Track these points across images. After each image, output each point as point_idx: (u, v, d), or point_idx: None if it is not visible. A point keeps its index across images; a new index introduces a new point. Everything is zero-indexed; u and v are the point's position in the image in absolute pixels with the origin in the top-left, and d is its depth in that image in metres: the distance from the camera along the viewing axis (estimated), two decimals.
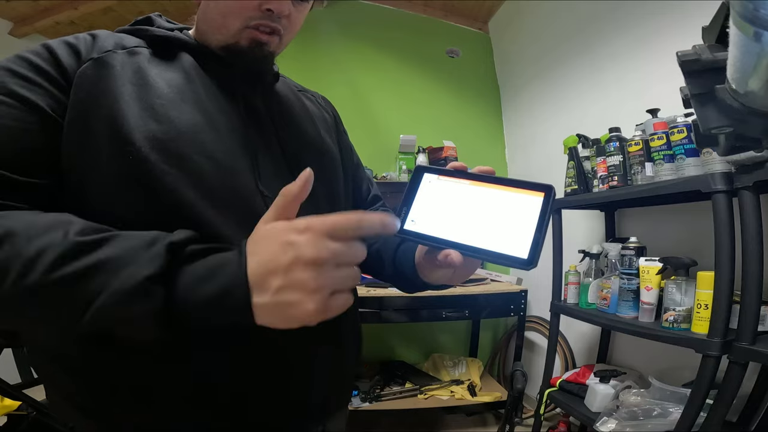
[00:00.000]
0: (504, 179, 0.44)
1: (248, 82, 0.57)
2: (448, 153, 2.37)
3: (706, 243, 1.17)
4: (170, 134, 0.46)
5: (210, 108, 0.51)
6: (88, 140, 0.45)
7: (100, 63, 0.48)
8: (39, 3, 2.25)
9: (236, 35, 0.53)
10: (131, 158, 0.44)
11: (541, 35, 2.37)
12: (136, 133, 0.45)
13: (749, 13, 0.27)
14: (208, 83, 0.54)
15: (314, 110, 0.69)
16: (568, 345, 2.08)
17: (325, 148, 0.65)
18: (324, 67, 2.59)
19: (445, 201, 0.46)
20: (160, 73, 0.51)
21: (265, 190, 0.51)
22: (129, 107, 0.46)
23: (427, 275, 0.54)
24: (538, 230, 0.40)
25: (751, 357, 0.99)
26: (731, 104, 0.41)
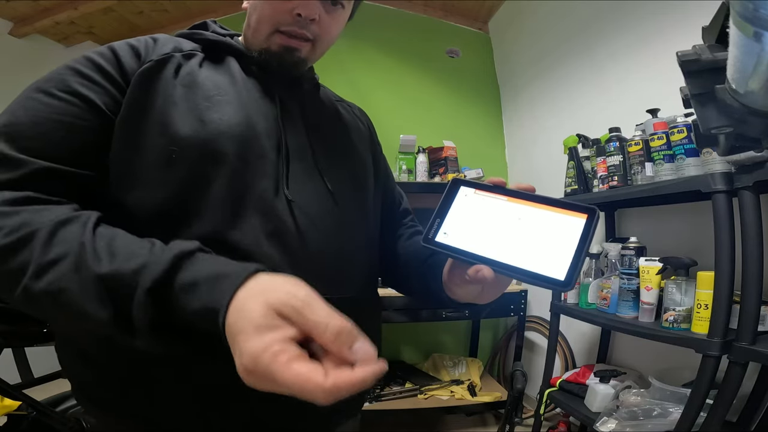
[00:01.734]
0: (545, 198, 0.43)
1: (286, 87, 0.59)
2: (448, 153, 2.37)
3: (706, 243, 1.17)
4: (212, 134, 0.49)
5: (250, 109, 0.53)
6: (138, 137, 0.48)
7: (158, 65, 0.51)
8: (39, 3, 2.25)
9: (267, 40, 0.56)
10: (174, 157, 0.47)
11: (542, 35, 2.37)
12: (181, 132, 0.48)
13: (749, 13, 0.27)
14: (250, 86, 0.56)
15: (349, 120, 0.70)
16: (568, 345, 2.08)
17: (357, 157, 0.66)
18: (324, 67, 2.58)
19: (481, 216, 0.45)
20: (209, 76, 0.54)
21: (290, 194, 0.52)
22: (177, 108, 0.49)
23: (454, 291, 0.53)
24: (578, 252, 0.39)
25: (751, 357, 0.99)
26: (731, 104, 0.41)
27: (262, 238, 0.49)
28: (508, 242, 0.42)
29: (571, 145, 1.70)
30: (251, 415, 0.48)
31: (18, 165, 0.42)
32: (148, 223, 0.47)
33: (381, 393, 1.99)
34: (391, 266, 0.68)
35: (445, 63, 2.81)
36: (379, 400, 1.95)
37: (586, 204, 0.41)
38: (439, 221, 0.47)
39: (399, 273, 0.66)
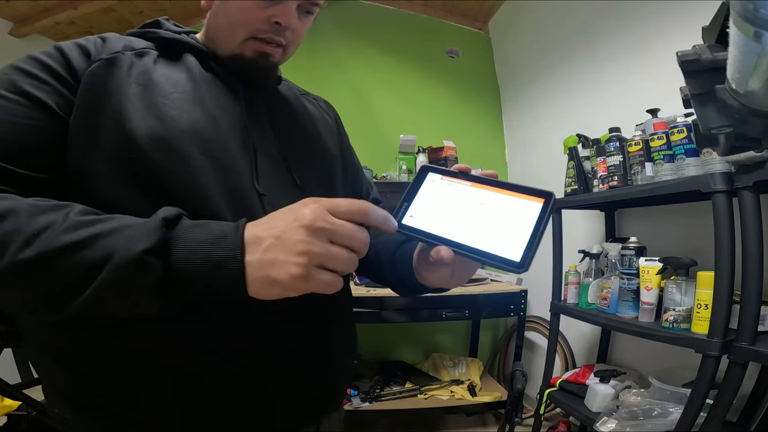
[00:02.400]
0: (506, 183, 0.44)
1: (249, 83, 0.58)
2: (448, 153, 2.37)
3: (706, 243, 1.17)
4: (172, 132, 0.47)
5: (212, 107, 0.52)
6: (94, 138, 0.46)
7: (109, 63, 0.49)
8: (39, 3, 2.25)
9: (242, 45, 0.55)
10: (134, 156, 0.45)
11: (542, 35, 2.37)
12: (138, 131, 0.46)
13: (749, 13, 0.27)
14: (211, 83, 0.55)
15: (315, 113, 0.70)
16: (568, 345, 2.08)
17: (325, 150, 0.65)
18: (324, 67, 2.59)
19: (446, 200, 0.46)
20: (165, 74, 0.52)
21: (262, 189, 0.52)
22: (133, 106, 0.47)
23: (424, 277, 0.54)
24: (533, 235, 0.40)
25: (751, 357, 0.99)
26: (731, 104, 0.41)
27: None
28: (469, 225, 0.43)
29: (571, 145, 1.70)
30: (233, 413, 0.48)
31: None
32: None
33: (381, 393, 1.99)
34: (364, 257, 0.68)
35: (445, 63, 2.81)
36: (379, 400, 1.94)
37: (544, 189, 0.42)
38: (406, 205, 0.48)
39: (371, 263, 0.65)
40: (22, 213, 0.37)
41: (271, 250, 0.37)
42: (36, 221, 0.37)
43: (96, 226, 0.38)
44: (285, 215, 0.39)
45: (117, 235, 0.37)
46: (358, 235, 0.38)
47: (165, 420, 0.47)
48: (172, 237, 0.38)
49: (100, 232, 0.37)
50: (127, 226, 0.38)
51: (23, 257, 0.35)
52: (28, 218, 0.37)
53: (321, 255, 0.37)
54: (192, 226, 0.40)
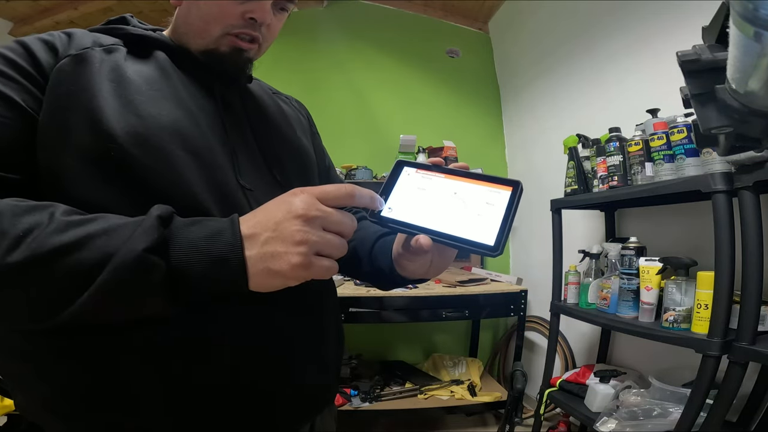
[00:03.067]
0: (477, 174, 0.48)
1: (223, 81, 0.58)
2: (448, 153, 2.37)
3: (706, 243, 1.17)
4: (152, 129, 0.46)
5: (189, 104, 0.51)
6: (66, 136, 0.44)
7: (78, 60, 0.48)
8: (39, 3, 2.25)
9: (216, 41, 0.54)
10: (113, 154, 0.44)
11: (542, 35, 2.37)
12: (117, 128, 0.44)
13: (749, 13, 0.27)
14: (185, 80, 0.54)
15: (289, 111, 0.70)
16: (568, 345, 2.08)
17: (302, 148, 0.66)
18: (324, 68, 2.59)
19: (422, 192, 0.49)
20: (137, 70, 0.50)
21: (243, 182, 0.52)
22: (108, 103, 0.45)
23: (404, 268, 0.55)
24: (504, 221, 0.43)
25: (751, 357, 0.99)
26: (731, 104, 0.41)
27: None
28: (445, 214, 0.46)
29: (571, 145, 1.70)
30: (229, 414, 0.47)
31: None
32: None
33: (381, 393, 1.99)
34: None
35: (445, 63, 2.81)
36: (379, 400, 1.94)
37: (511, 178, 0.46)
38: (384, 198, 0.50)
39: (348, 258, 0.65)
40: (4, 214, 0.35)
41: (270, 243, 0.38)
42: (20, 222, 0.35)
43: (86, 226, 0.37)
44: (277, 207, 0.40)
45: (111, 234, 0.36)
46: (346, 220, 0.41)
47: (160, 423, 0.45)
48: (169, 235, 0.38)
49: (93, 232, 0.36)
50: (120, 225, 0.37)
51: (11, 261, 0.34)
52: (11, 219, 0.35)
53: (318, 243, 0.38)
54: (187, 224, 0.39)
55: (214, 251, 0.38)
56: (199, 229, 0.39)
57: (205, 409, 0.46)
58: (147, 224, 0.37)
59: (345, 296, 1.83)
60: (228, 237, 0.38)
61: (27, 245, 0.34)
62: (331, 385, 0.61)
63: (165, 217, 0.38)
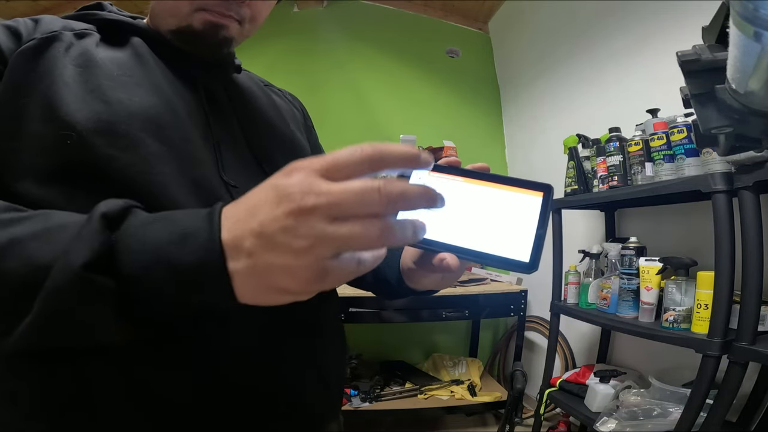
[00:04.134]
0: (500, 177, 0.41)
1: (207, 71, 0.53)
2: (448, 153, 2.37)
3: (706, 243, 1.17)
4: (119, 116, 0.41)
5: (167, 91, 0.47)
6: (17, 125, 0.40)
7: (44, 43, 0.44)
8: (39, 3, 2.25)
9: (188, 17, 0.48)
10: (69, 143, 0.39)
11: (542, 35, 2.37)
12: (77, 115, 0.40)
13: (749, 13, 0.27)
14: (164, 68, 0.49)
15: (282, 105, 0.65)
16: (568, 345, 2.08)
17: (296, 143, 0.60)
18: (324, 68, 2.59)
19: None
20: (109, 56, 0.46)
21: (227, 178, 0.46)
22: (69, 89, 0.41)
23: (415, 281, 0.51)
24: (538, 232, 0.37)
25: (751, 357, 0.99)
26: (731, 104, 0.41)
27: None
28: (468, 226, 0.40)
29: (571, 145, 1.70)
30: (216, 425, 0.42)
31: None
32: None
33: (381, 393, 1.99)
34: None
35: (445, 63, 2.80)
36: (379, 400, 1.94)
37: (540, 182, 0.39)
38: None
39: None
40: None
41: (258, 253, 0.26)
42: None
43: (15, 226, 0.29)
44: (264, 195, 0.27)
45: (44, 239, 0.28)
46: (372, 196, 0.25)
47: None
48: (118, 239, 0.28)
49: (21, 235, 0.28)
50: (59, 226, 0.29)
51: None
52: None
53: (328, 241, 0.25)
54: (147, 221, 0.29)
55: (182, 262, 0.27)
56: (162, 228, 0.28)
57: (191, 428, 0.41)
58: (89, 229, 0.28)
59: (345, 296, 1.83)
60: (202, 241, 0.27)
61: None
62: (333, 401, 0.56)
63: (113, 216, 0.29)
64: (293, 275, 0.26)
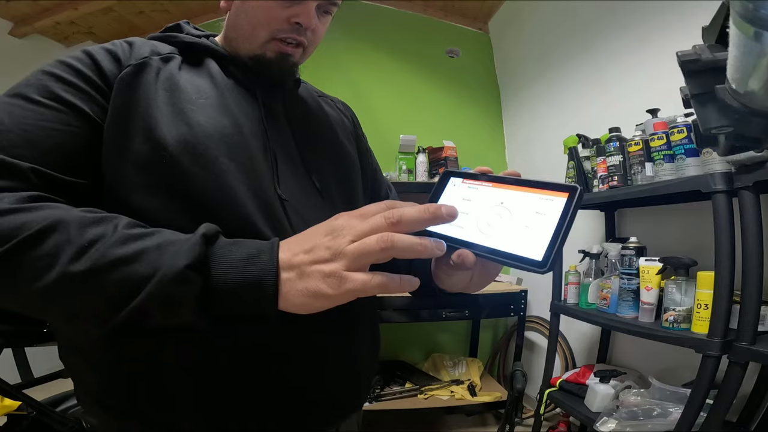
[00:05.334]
0: (529, 181, 0.43)
1: (268, 87, 0.59)
2: (448, 153, 2.37)
3: (706, 243, 1.17)
4: (199, 137, 0.48)
5: (234, 111, 0.53)
6: (125, 145, 0.47)
7: (138, 69, 0.50)
8: (39, 3, 2.25)
9: (263, 46, 0.56)
10: (164, 162, 0.47)
11: (542, 35, 2.37)
12: (168, 137, 0.47)
13: (749, 13, 0.27)
14: (231, 87, 0.56)
15: (333, 115, 0.70)
16: (568, 345, 2.08)
17: (344, 153, 0.66)
18: (324, 68, 2.59)
19: (467, 203, 0.46)
20: (189, 79, 0.53)
21: (283, 194, 0.53)
22: (161, 112, 0.48)
23: (443, 281, 0.53)
24: (556, 232, 0.38)
25: (751, 357, 0.99)
26: (731, 104, 0.41)
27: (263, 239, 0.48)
28: (490, 227, 0.42)
29: (571, 145, 1.70)
30: (255, 413, 0.49)
31: (16, 173, 0.41)
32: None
33: (381, 393, 1.99)
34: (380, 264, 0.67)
35: (445, 63, 2.80)
36: (379, 400, 1.94)
37: (568, 183, 0.40)
38: None
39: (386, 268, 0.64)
40: (72, 224, 0.38)
41: (304, 265, 0.38)
42: (87, 233, 0.38)
43: (143, 240, 0.39)
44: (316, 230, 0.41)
45: (163, 250, 0.38)
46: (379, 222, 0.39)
47: (196, 422, 0.47)
48: (210, 253, 0.39)
49: (147, 247, 0.38)
50: (171, 242, 0.39)
51: (75, 269, 0.36)
52: (78, 230, 0.38)
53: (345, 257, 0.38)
54: (230, 244, 0.40)
55: (250, 272, 0.38)
56: (239, 250, 0.40)
57: (234, 409, 0.48)
58: (191, 242, 0.38)
59: None
60: (265, 260, 0.39)
61: (89, 256, 0.37)
62: (361, 389, 0.61)
63: (210, 236, 0.40)
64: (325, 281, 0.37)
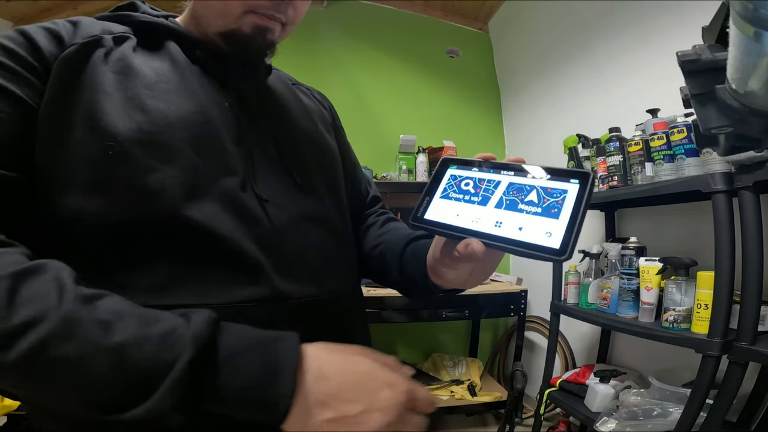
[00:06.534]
0: (535, 168, 0.42)
1: (239, 72, 0.53)
2: (448, 153, 2.37)
3: (706, 243, 1.17)
4: (159, 126, 0.42)
5: (202, 98, 0.47)
6: (64, 134, 0.41)
7: (85, 48, 0.44)
8: (39, 3, 2.25)
9: (238, 20, 0.48)
10: (111, 153, 0.40)
11: (542, 35, 2.37)
12: (118, 125, 0.41)
13: (749, 13, 0.27)
14: (198, 73, 0.49)
15: (311, 105, 0.65)
16: (568, 345, 2.07)
17: (325, 144, 0.61)
18: (324, 68, 2.59)
19: (471, 191, 0.44)
20: (146, 61, 0.46)
21: (263, 193, 0.48)
22: (111, 98, 0.42)
23: (441, 276, 0.50)
24: (572, 219, 0.36)
25: (751, 357, 0.99)
26: (731, 104, 0.41)
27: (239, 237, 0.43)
28: (499, 215, 0.40)
29: (571, 145, 1.70)
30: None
31: None
32: (90, 239, 0.40)
33: None
34: (366, 257, 0.64)
35: (445, 63, 2.80)
36: None
37: (578, 170, 0.39)
38: (428, 199, 0.45)
39: (375, 263, 0.61)
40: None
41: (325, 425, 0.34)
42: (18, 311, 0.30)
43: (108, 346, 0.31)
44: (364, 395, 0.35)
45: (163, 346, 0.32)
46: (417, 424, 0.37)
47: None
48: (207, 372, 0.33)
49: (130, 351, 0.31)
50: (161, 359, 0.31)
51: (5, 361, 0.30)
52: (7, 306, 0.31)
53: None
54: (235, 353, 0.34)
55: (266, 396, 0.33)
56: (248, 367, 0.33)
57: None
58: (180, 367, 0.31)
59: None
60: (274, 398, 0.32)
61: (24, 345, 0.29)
62: None
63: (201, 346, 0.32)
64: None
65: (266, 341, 0.35)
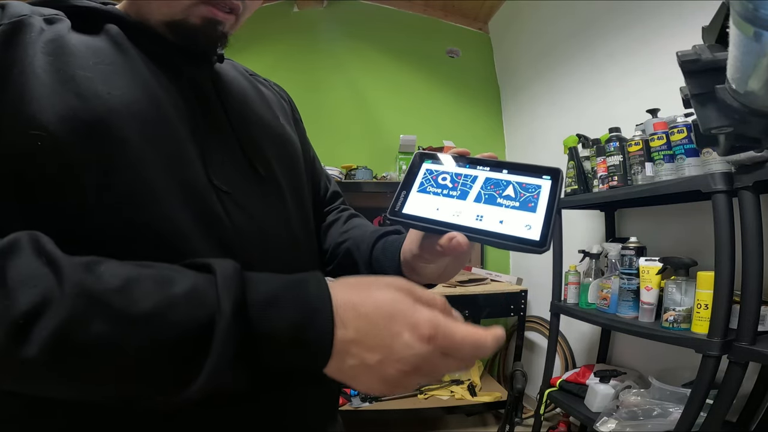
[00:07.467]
0: (507, 163, 0.44)
1: (190, 60, 0.48)
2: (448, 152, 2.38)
3: (706, 243, 1.17)
4: (97, 112, 0.37)
5: (150, 82, 0.42)
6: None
7: (12, 30, 0.38)
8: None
9: (186, 10, 0.44)
10: (40, 144, 0.34)
11: (541, 35, 2.37)
12: (48, 112, 0.35)
13: (749, 13, 0.27)
14: (144, 57, 0.44)
15: (270, 96, 0.62)
16: (568, 345, 2.08)
17: (286, 136, 0.57)
18: (324, 68, 2.59)
19: (448, 186, 0.45)
20: (84, 41, 0.40)
21: (223, 185, 0.44)
22: (39, 80, 0.36)
23: (417, 272, 0.49)
24: (548, 213, 0.40)
25: (751, 357, 0.99)
26: (731, 104, 0.41)
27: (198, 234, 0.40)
28: (477, 209, 0.42)
29: (571, 145, 1.70)
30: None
31: None
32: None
33: None
34: (330, 254, 0.62)
35: (445, 63, 2.81)
36: (379, 400, 1.94)
37: (549, 166, 0.42)
38: (405, 193, 0.45)
39: (340, 260, 0.59)
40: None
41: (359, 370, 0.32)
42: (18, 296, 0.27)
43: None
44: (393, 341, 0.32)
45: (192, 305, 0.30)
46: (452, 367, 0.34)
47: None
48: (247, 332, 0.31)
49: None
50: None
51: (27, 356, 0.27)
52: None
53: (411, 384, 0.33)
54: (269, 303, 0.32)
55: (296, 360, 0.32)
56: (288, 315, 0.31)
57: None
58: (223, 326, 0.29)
59: None
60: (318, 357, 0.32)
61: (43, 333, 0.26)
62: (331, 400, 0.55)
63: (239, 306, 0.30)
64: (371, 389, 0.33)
65: (295, 283, 0.33)
